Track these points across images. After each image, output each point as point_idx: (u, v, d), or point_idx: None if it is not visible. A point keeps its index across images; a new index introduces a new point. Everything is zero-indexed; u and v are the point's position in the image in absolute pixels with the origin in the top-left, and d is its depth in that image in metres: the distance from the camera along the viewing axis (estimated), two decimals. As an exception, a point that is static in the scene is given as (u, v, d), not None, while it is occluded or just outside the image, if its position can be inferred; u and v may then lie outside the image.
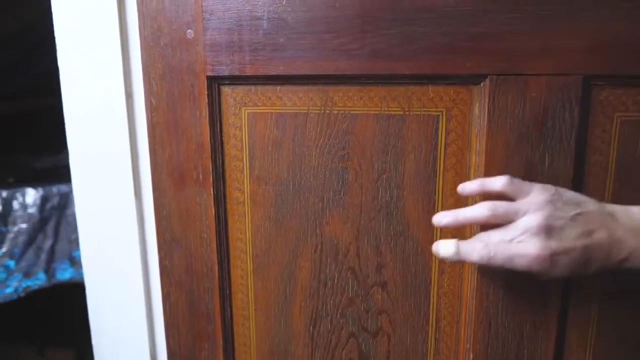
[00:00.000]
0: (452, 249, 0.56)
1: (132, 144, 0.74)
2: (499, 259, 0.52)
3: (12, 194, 1.89)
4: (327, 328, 0.72)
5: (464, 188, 0.59)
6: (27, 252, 1.94)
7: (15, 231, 1.91)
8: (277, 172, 0.69)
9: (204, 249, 0.72)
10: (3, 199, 1.88)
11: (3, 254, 1.89)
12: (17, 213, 1.90)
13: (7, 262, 1.90)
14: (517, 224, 0.53)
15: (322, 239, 0.69)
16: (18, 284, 1.93)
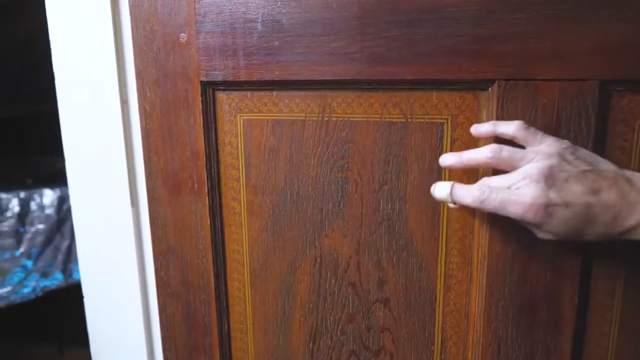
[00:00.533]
0: (446, 189, 0.53)
1: (127, 151, 0.72)
2: (491, 204, 0.48)
3: (30, 195, 1.91)
4: (327, 345, 0.69)
5: (477, 129, 0.55)
6: (45, 253, 1.95)
7: (33, 232, 1.93)
8: (274, 181, 0.66)
9: (199, 260, 0.70)
10: (21, 199, 1.90)
11: (21, 254, 1.91)
12: (34, 214, 1.92)
13: (25, 262, 1.92)
14: (519, 171, 0.49)
15: (322, 252, 0.66)
16: (36, 283, 1.95)
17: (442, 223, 0.61)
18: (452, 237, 0.61)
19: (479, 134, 0.55)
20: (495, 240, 0.58)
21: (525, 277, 0.59)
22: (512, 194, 0.48)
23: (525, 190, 0.47)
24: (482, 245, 0.59)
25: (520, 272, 0.59)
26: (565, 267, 0.57)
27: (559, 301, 0.58)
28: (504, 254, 0.58)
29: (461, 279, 0.62)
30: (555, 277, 0.58)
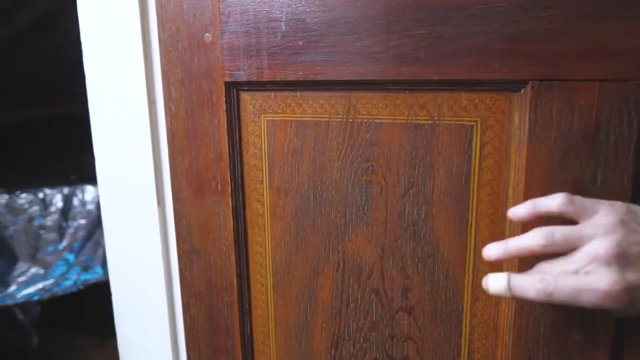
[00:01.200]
0: (503, 284, 0.48)
1: (154, 151, 0.72)
2: (561, 295, 0.43)
3: (73, 191, 1.97)
4: (349, 352, 0.67)
5: (515, 214, 0.50)
6: (86, 247, 2.01)
7: (75, 226, 1.99)
8: (298, 183, 0.64)
9: (222, 261, 0.69)
10: (64, 195, 1.96)
11: (63, 248, 1.98)
12: (76, 209, 1.98)
13: (67, 255, 1.99)
14: (583, 251, 0.44)
15: (345, 257, 0.64)
16: (77, 277, 2.01)
17: (471, 230, 0.58)
18: (481, 245, 0.58)
19: (520, 218, 0.50)
20: (527, 250, 0.55)
21: (558, 290, 0.55)
22: (583, 282, 0.43)
23: (597, 276, 0.42)
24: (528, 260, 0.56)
25: (553, 285, 0.55)
26: (602, 281, 0.53)
27: (595, 318, 0.54)
28: (536, 265, 0.55)
29: (490, 289, 0.59)
30: (591, 291, 0.54)
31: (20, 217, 1.90)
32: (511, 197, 0.55)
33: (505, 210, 0.56)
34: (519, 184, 0.54)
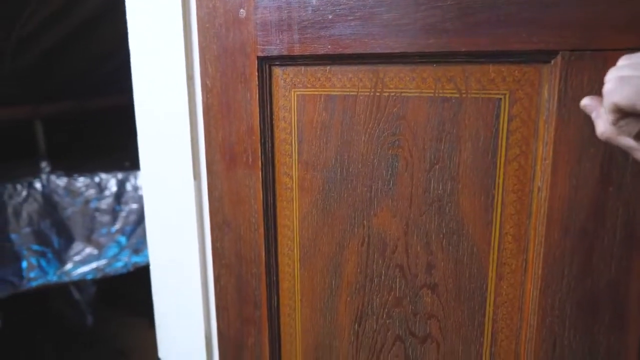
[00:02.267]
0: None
1: (192, 126, 0.75)
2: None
3: (126, 177, 2.06)
4: (372, 327, 0.67)
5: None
6: (137, 231, 2.10)
7: (128, 210, 2.08)
8: (325, 157, 0.65)
9: (252, 233, 0.71)
10: (118, 180, 2.05)
11: (116, 231, 2.07)
12: (129, 194, 2.07)
13: (120, 238, 2.08)
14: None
15: (370, 232, 0.65)
16: (128, 259, 2.10)
17: (497, 206, 0.57)
18: (507, 221, 0.57)
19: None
20: (554, 227, 0.54)
21: (586, 269, 0.53)
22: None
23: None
24: (539, 232, 0.55)
25: (581, 264, 0.53)
26: (633, 262, 0.51)
27: (624, 299, 0.52)
28: (564, 243, 0.54)
29: (515, 268, 0.58)
30: (621, 272, 0.52)
31: (77, 200, 2.01)
32: (539, 173, 0.54)
33: (532, 186, 0.55)
34: (547, 159, 0.53)
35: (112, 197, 2.04)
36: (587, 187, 0.52)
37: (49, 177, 1.96)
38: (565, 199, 0.53)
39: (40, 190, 1.94)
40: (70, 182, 1.98)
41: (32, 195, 1.92)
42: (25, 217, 1.91)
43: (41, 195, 1.93)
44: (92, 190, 2.02)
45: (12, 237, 1.88)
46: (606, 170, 0.50)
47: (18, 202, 1.89)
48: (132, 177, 2.05)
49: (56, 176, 1.96)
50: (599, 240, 0.52)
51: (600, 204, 0.51)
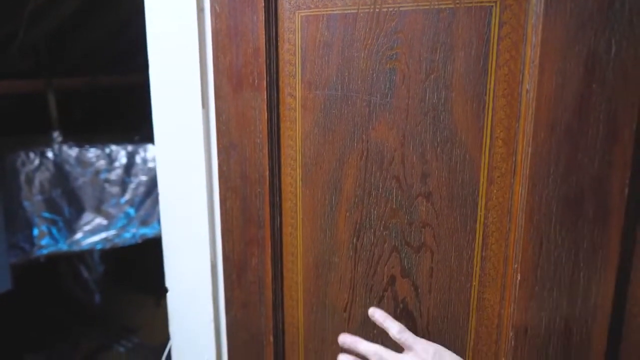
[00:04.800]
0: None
1: (201, 55, 0.79)
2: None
3: (136, 149, 2.11)
4: (370, 240, 0.71)
5: (374, 313, 0.70)
6: (145, 203, 2.15)
7: (137, 182, 2.12)
8: (327, 76, 0.69)
9: (257, 154, 0.75)
10: (128, 152, 2.10)
11: (125, 202, 2.12)
12: (139, 166, 2.11)
13: (129, 209, 2.13)
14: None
15: (368, 146, 0.68)
16: (136, 230, 2.15)
17: (488, 112, 0.60)
18: (498, 126, 0.60)
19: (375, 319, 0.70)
20: (541, 127, 0.57)
21: (571, 166, 0.56)
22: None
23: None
24: (527, 133, 0.58)
25: (566, 161, 0.56)
26: (615, 156, 0.54)
27: (607, 192, 0.55)
28: (550, 142, 0.57)
29: (505, 171, 0.61)
30: (604, 166, 0.55)
31: (88, 170, 2.06)
32: (527, 76, 0.57)
33: (521, 89, 0.58)
34: (535, 60, 0.56)
35: (121, 169, 2.09)
36: (571, 85, 0.55)
37: (61, 147, 2.01)
38: (551, 98, 0.56)
39: (52, 159, 1.99)
40: (81, 153, 2.03)
41: (44, 163, 1.98)
42: (38, 185, 1.96)
43: (53, 164, 1.99)
44: (102, 161, 2.07)
45: (24, 204, 1.93)
46: (590, 67, 0.54)
47: (31, 169, 1.95)
48: (142, 150, 2.10)
49: (68, 146, 2.01)
50: (583, 137, 0.55)
51: (585, 101, 0.55)
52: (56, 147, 2.00)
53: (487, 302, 0.65)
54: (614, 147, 0.54)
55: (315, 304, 0.77)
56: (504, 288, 0.63)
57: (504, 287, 0.63)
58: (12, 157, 1.88)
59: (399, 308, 0.71)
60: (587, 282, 0.58)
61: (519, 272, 0.61)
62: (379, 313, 0.70)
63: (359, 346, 0.70)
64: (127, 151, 2.10)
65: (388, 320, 0.69)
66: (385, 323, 0.69)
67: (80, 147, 2.04)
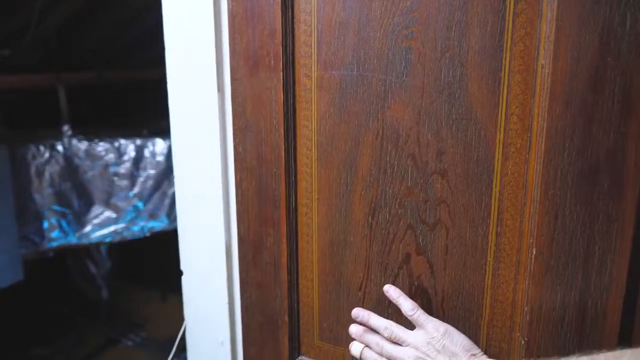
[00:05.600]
0: (358, 349, 0.72)
1: (217, 37, 0.80)
2: None
3: (145, 143, 2.13)
4: (385, 219, 0.72)
5: (389, 289, 0.71)
6: (154, 196, 2.16)
7: (145, 176, 2.14)
8: (343, 56, 0.70)
9: (272, 134, 0.76)
10: (137, 146, 2.12)
11: (134, 195, 2.14)
12: (147, 160, 2.13)
13: (137, 203, 2.14)
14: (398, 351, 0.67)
15: (384, 125, 0.69)
16: (145, 223, 2.16)
17: (503, 89, 0.61)
18: (513, 102, 0.61)
19: (389, 295, 0.71)
20: (556, 101, 0.58)
21: (586, 140, 0.57)
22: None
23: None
24: (542, 108, 0.59)
25: (581, 135, 0.57)
26: (630, 128, 0.55)
27: (622, 165, 0.56)
28: (565, 116, 0.58)
29: (520, 146, 0.62)
30: (619, 139, 0.56)
31: (97, 163, 2.08)
32: (542, 51, 0.58)
33: (536, 65, 0.59)
34: (550, 36, 0.57)
35: (130, 162, 2.11)
36: (587, 58, 0.56)
37: (71, 141, 2.03)
38: (566, 73, 0.57)
39: (62, 153, 2.00)
40: (90, 146, 2.05)
41: (54, 157, 1.99)
42: (48, 178, 1.98)
43: (63, 158, 2.00)
44: (111, 154, 2.08)
45: (34, 196, 1.95)
46: (605, 40, 0.54)
47: (41, 162, 1.96)
48: (150, 143, 2.11)
49: (77, 140, 2.03)
50: (598, 110, 0.56)
51: (600, 75, 0.55)
52: (66, 141, 2.02)
53: (502, 278, 0.66)
54: (628, 119, 0.55)
55: (330, 283, 0.78)
56: (519, 263, 0.64)
57: (518, 262, 0.64)
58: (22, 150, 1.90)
59: (413, 286, 0.72)
60: (602, 255, 0.59)
61: (535, 246, 0.62)
62: (393, 289, 0.71)
63: (371, 320, 0.72)
64: (135, 145, 2.11)
65: (402, 298, 0.70)
66: (399, 300, 0.70)
67: (89, 140, 2.05)
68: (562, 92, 0.57)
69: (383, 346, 0.69)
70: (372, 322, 0.71)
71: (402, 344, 0.67)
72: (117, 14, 2.15)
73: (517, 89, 0.61)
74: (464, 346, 0.65)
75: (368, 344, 0.71)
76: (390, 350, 0.68)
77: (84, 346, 2.64)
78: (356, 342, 0.73)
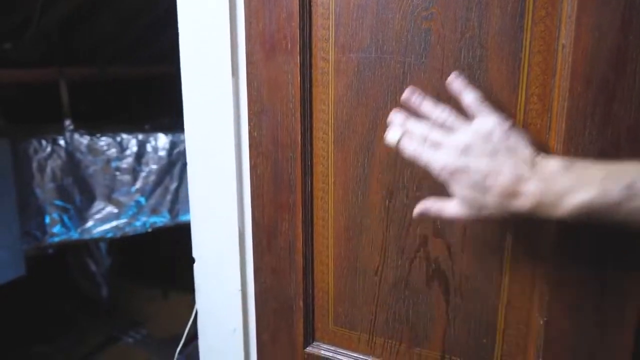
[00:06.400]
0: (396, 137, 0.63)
1: (231, 22, 0.80)
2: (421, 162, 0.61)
3: (147, 138, 2.12)
4: (402, 202, 0.72)
5: (454, 79, 0.63)
6: (156, 191, 2.16)
7: (147, 171, 2.13)
8: (361, 38, 0.70)
9: (289, 118, 0.76)
10: (139, 141, 2.11)
11: (136, 190, 2.13)
12: (149, 155, 2.12)
13: (139, 198, 2.14)
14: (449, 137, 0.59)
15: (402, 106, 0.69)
16: (147, 219, 2.16)
17: (523, 69, 0.62)
18: (533, 83, 0.61)
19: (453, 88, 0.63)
20: (577, 81, 0.58)
21: (607, 118, 0.58)
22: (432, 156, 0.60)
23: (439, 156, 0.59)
24: (563, 88, 0.59)
25: (602, 114, 0.58)
26: (652, 106, 0.56)
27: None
28: (586, 95, 0.58)
29: (540, 127, 0.62)
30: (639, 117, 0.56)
31: (99, 158, 2.07)
32: (563, 31, 0.59)
33: (557, 45, 0.59)
34: (572, 16, 0.57)
35: (132, 157, 2.10)
36: (608, 37, 0.56)
37: (72, 135, 2.02)
38: (588, 52, 0.57)
39: (64, 147, 2.00)
40: (92, 141, 2.04)
41: (56, 151, 1.98)
42: (49, 173, 1.97)
43: (65, 152, 1.99)
44: (113, 149, 2.08)
45: (36, 191, 1.94)
46: (627, 18, 0.55)
47: (43, 157, 1.95)
48: (152, 138, 2.11)
49: (79, 135, 2.02)
50: (619, 89, 0.57)
51: (621, 53, 0.56)
52: (68, 135, 2.01)
53: (520, 258, 0.66)
54: (650, 98, 0.56)
55: (345, 268, 0.78)
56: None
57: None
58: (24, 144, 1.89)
59: (431, 268, 0.72)
60: (622, 233, 0.59)
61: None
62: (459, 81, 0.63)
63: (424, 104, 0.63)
64: (137, 140, 2.11)
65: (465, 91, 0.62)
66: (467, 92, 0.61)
67: (91, 135, 2.05)
68: (583, 72, 0.58)
69: (430, 131, 0.60)
70: (425, 106, 0.62)
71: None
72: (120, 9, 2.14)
73: (538, 69, 0.61)
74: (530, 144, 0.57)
75: (411, 130, 0.62)
76: (440, 135, 0.59)
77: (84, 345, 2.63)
78: (395, 129, 0.63)
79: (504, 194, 0.54)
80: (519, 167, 0.54)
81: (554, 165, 0.53)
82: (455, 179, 0.57)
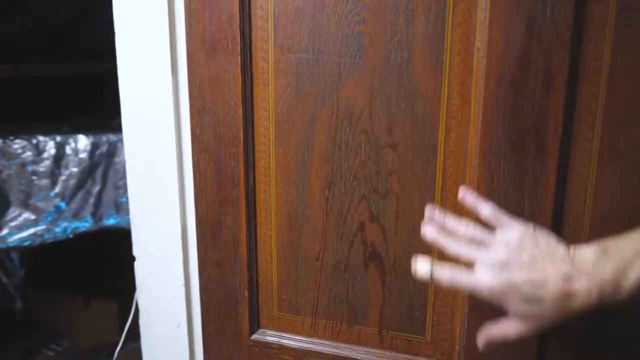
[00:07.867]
0: (427, 269, 0.61)
1: (170, 22, 0.82)
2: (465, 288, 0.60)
3: (66, 139, 2.03)
4: (340, 191, 0.78)
5: (465, 194, 0.67)
6: (77, 195, 2.07)
7: (67, 174, 2.04)
8: (299, 39, 0.75)
9: (231, 115, 0.79)
10: (57, 143, 2.02)
11: (55, 195, 2.03)
12: (69, 157, 2.03)
13: (59, 203, 2.04)
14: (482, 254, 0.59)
15: (339, 104, 0.75)
16: (67, 224, 2.07)
17: (445, 69, 0.70)
18: (454, 81, 0.70)
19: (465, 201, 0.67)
20: (491, 79, 0.67)
21: (515, 112, 0.67)
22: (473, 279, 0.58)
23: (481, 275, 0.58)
24: (479, 86, 0.68)
25: (511, 108, 0.67)
26: (550, 100, 0.65)
27: (544, 132, 0.66)
28: (498, 92, 0.67)
29: (461, 120, 0.70)
30: (542, 110, 0.66)
31: (13, 162, 1.96)
32: (478, 36, 0.67)
33: (473, 48, 0.68)
34: (485, 22, 0.66)
35: (50, 160, 2.00)
36: (515, 42, 0.65)
37: (-17, 138, 1.89)
38: (499, 54, 0.66)
39: (-27, 151, 1.87)
40: (5, 144, 1.92)
41: (-36, 156, 1.85)
42: (-43, 179, 1.83)
43: (-26, 157, 1.86)
44: (29, 152, 1.97)
45: (-58, 199, 1.80)
46: (530, 27, 0.64)
47: (-51, 162, 1.82)
48: (72, 140, 2.02)
49: (-10, 137, 1.90)
50: (525, 86, 0.66)
51: (526, 56, 0.65)
52: (-23, 139, 1.88)
53: (446, 238, 0.74)
54: (549, 94, 0.65)
55: (288, 256, 0.83)
56: (461, 224, 0.73)
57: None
58: None
59: (367, 251, 0.78)
60: (530, 209, 0.68)
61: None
62: (470, 193, 0.67)
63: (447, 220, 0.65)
64: (56, 142, 2.01)
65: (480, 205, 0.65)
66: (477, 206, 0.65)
67: (3, 137, 1.93)
68: (495, 72, 0.66)
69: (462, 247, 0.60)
70: (449, 222, 0.64)
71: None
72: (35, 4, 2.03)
73: (457, 69, 0.69)
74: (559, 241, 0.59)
75: (445, 245, 0.62)
76: (474, 251, 0.59)
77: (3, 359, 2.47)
78: (421, 259, 0.62)
79: (559, 298, 0.53)
80: (562, 268, 0.54)
81: (591, 254, 0.54)
82: (508, 297, 0.56)
